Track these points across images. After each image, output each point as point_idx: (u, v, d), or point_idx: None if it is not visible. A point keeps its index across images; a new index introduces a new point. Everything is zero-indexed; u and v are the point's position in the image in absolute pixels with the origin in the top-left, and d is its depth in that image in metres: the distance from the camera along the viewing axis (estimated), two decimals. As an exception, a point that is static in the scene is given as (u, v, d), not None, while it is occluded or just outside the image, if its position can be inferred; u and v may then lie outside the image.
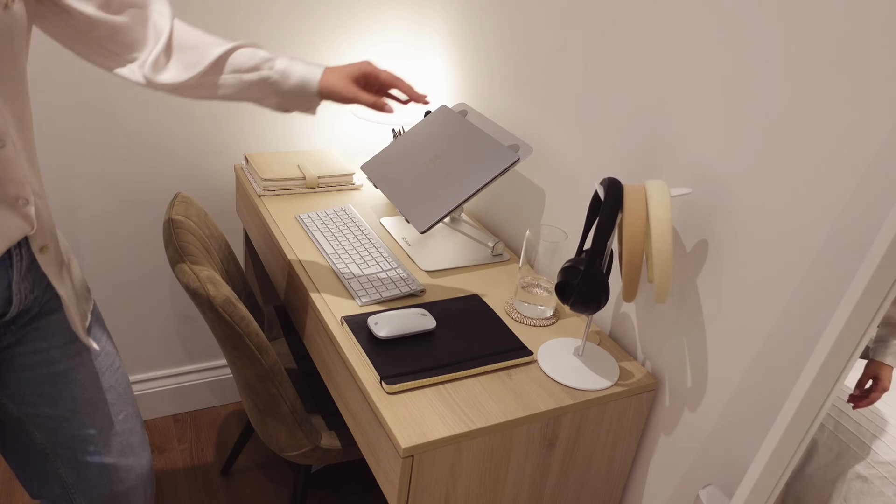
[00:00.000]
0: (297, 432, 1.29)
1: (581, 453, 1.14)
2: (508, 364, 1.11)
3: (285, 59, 1.03)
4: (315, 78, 1.03)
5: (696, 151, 1.04)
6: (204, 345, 1.96)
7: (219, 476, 1.81)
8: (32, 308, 0.94)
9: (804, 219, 0.90)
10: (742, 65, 0.95)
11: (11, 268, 0.87)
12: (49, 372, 0.96)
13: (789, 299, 0.93)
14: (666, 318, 1.14)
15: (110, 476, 1.04)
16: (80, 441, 1.00)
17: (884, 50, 0.78)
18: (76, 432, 1.00)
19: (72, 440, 1.00)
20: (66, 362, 0.97)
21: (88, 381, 0.99)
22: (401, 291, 1.26)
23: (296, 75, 1.02)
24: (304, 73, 1.02)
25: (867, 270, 0.69)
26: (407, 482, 0.97)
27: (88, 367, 0.99)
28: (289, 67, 1.02)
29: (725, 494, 1.04)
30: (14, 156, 0.83)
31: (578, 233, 1.33)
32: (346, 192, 1.66)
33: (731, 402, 1.04)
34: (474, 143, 1.36)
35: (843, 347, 0.73)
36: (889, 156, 0.79)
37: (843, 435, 0.82)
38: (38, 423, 0.99)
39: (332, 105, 1.80)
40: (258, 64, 1.01)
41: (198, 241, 1.32)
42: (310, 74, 1.03)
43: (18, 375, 0.95)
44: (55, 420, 0.99)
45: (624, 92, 1.17)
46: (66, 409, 0.98)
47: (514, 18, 1.44)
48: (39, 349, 0.95)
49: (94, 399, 1.00)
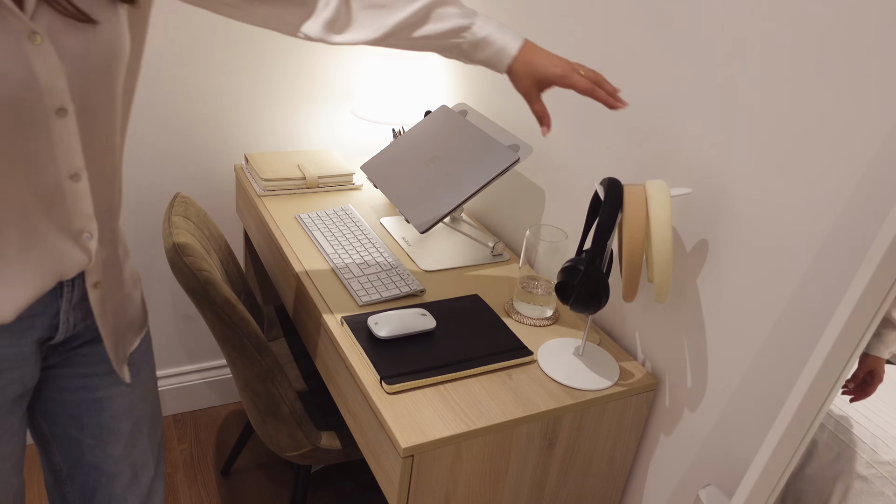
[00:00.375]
0: (297, 432, 1.29)
1: (581, 453, 1.14)
2: (508, 364, 1.11)
3: (481, 28, 0.97)
4: (503, 63, 0.99)
5: (696, 151, 1.04)
6: (204, 345, 1.96)
7: (219, 476, 1.81)
8: (84, 334, 0.92)
9: (804, 219, 0.90)
10: (742, 65, 0.95)
11: (60, 297, 0.85)
12: (86, 398, 0.95)
13: (789, 299, 0.93)
14: (666, 318, 1.14)
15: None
16: (94, 469, 0.99)
17: (884, 50, 0.78)
18: (94, 460, 0.99)
19: (88, 467, 0.99)
20: (104, 391, 0.96)
21: (119, 412, 0.98)
22: (401, 291, 1.26)
23: (486, 52, 0.98)
24: (493, 54, 0.98)
25: (867, 270, 0.69)
26: (407, 482, 0.97)
27: (123, 399, 0.98)
28: (481, 42, 0.97)
29: (725, 494, 1.04)
30: (87, 190, 0.81)
31: (578, 233, 1.33)
32: (346, 192, 1.66)
33: (731, 402, 1.04)
34: (474, 143, 1.36)
35: (843, 347, 0.73)
36: (889, 156, 0.79)
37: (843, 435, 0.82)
38: (62, 444, 0.98)
39: (331, 105, 1.80)
40: (450, 31, 0.96)
41: (198, 242, 1.32)
42: (499, 57, 0.98)
43: (56, 395, 0.95)
44: (78, 445, 0.98)
45: (624, 91, 1.17)
46: (91, 436, 0.97)
47: (514, 18, 1.44)
48: (83, 374, 0.94)
49: (119, 430, 0.98)
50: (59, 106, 0.73)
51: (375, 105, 1.64)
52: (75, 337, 0.92)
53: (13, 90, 0.68)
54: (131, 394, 0.99)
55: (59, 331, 0.87)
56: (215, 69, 1.63)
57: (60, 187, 0.78)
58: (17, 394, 0.87)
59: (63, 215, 0.80)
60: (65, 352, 0.92)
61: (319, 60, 1.73)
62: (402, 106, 1.64)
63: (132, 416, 0.99)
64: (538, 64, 0.98)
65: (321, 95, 1.78)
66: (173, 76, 1.60)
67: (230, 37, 1.61)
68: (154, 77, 1.58)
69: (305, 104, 1.77)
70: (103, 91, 0.77)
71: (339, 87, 1.79)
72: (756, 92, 0.94)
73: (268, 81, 1.70)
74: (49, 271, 0.82)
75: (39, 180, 0.76)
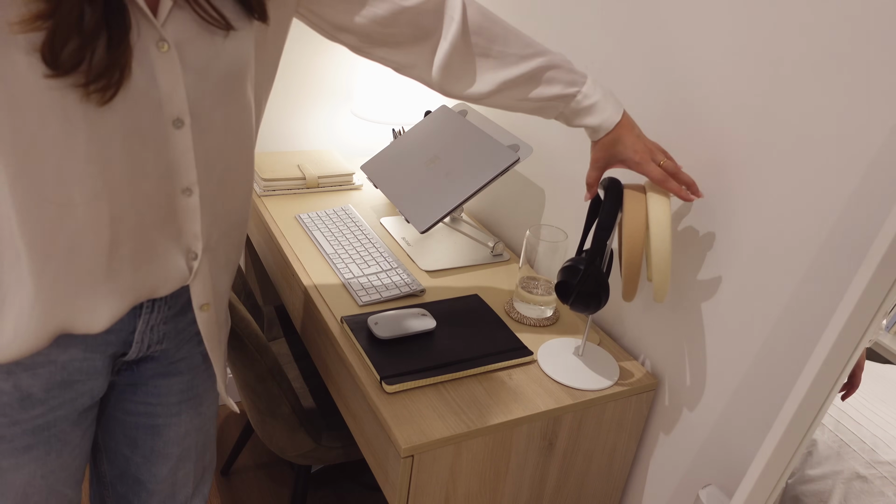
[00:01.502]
0: (297, 432, 1.29)
1: (581, 453, 1.14)
2: (508, 364, 1.11)
3: (586, 97, 0.94)
4: (597, 136, 0.97)
5: (697, 151, 1.04)
6: (204, 345, 1.96)
7: (219, 476, 1.81)
8: (160, 360, 0.91)
9: (804, 218, 0.90)
10: (742, 64, 0.95)
11: (139, 318, 0.84)
12: (146, 423, 0.95)
13: (789, 299, 0.93)
14: (666, 317, 1.14)
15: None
16: (138, 483, 1.00)
17: (884, 49, 0.78)
18: (139, 476, 0.99)
19: (132, 481, 1.00)
20: (164, 419, 0.96)
21: (173, 439, 0.98)
22: (401, 291, 1.26)
23: (585, 121, 0.96)
24: (591, 125, 0.96)
25: (867, 270, 0.69)
26: (407, 482, 0.97)
27: (181, 428, 0.98)
28: (584, 111, 0.95)
29: (725, 494, 1.04)
30: (197, 206, 0.79)
31: (578, 233, 1.33)
32: (346, 192, 1.66)
33: (730, 402, 1.04)
34: (474, 143, 1.36)
35: (843, 347, 0.73)
36: (889, 156, 0.79)
37: (843, 435, 0.82)
38: (112, 457, 0.99)
39: (331, 105, 1.80)
40: (556, 97, 0.95)
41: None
42: (596, 131, 0.97)
43: (119, 415, 0.95)
44: (127, 461, 0.98)
45: (625, 91, 1.17)
46: (141, 456, 0.98)
47: (514, 18, 1.44)
48: (149, 402, 0.94)
49: (170, 454, 0.99)
50: (176, 116, 0.71)
51: (375, 105, 1.64)
52: (150, 361, 0.91)
53: (135, 97, 0.67)
54: (189, 423, 0.99)
55: (132, 349, 0.86)
56: (215, 69, 1.63)
57: (173, 202, 0.76)
58: (86, 406, 0.86)
59: (174, 232, 0.79)
60: (136, 374, 0.92)
61: (319, 60, 1.73)
62: (402, 106, 1.64)
63: (184, 444, 1.00)
64: (622, 144, 0.96)
65: (321, 95, 1.78)
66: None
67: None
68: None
69: (305, 104, 1.77)
70: (222, 105, 0.75)
71: (339, 87, 1.79)
72: (756, 91, 0.94)
73: (268, 81, 1.70)
74: (147, 287, 0.81)
75: (154, 193, 0.74)
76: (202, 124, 0.75)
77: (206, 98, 0.73)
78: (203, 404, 1.00)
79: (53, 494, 0.87)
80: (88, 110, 0.65)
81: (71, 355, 0.81)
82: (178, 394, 0.95)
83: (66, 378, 0.82)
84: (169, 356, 0.92)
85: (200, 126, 0.74)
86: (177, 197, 0.77)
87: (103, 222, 0.72)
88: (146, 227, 0.76)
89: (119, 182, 0.71)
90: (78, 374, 0.82)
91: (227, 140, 0.79)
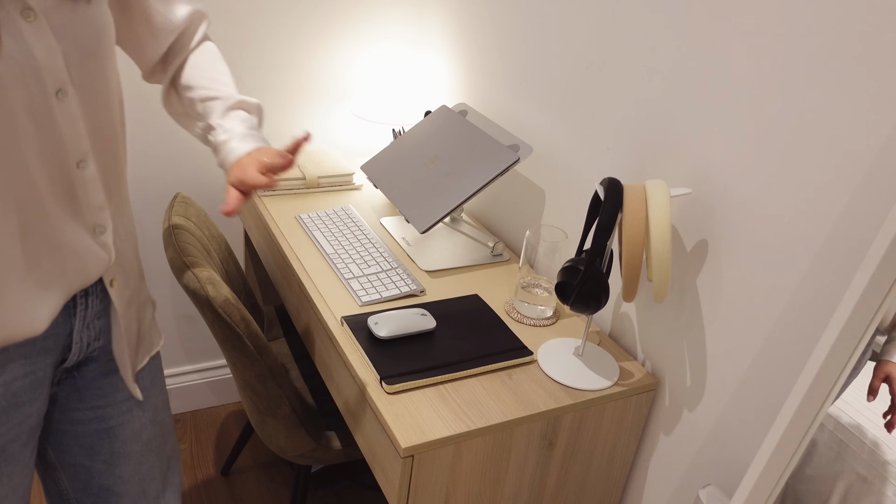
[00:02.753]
0: (297, 432, 1.29)
1: (581, 453, 1.14)
2: (508, 364, 1.11)
3: (227, 141, 0.97)
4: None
5: (696, 151, 1.04)
6: (204, 345, 1.96)
7: (219, 476, 1.81)
8: (100, 360, 0.91)
9: (804, 218, 0.90)
10: (742, 64, 0.95)
11: (74, 316, 0.83)
12: (99, 427, 0.94)
13: (789, 299, 0.93)
14: (666, 317, 1.14)
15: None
16: (104, 490, 0.99)
17: (883, 49, 0.78)
18: (104, 482, 0.98)
19: (98, 489, 0.99)
20: (117, 419, 0.95)
21: (130, 437, 0.97)
22: (400, 291, 1.26)
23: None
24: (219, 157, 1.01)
25: (867, 270, 0.69)
26: (407, 482, 0.97)
27: (135, 424, 0.97)
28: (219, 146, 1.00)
29: (725, 494, 1.04)
30: (95, 178, 0.79)
31: (578, 233, 1.33)
32: (346, 192, 1.66)
33: (730, 402, 1.04)
34: (474, 143, 1.36)
35: (843, 347, 0.73)
36: (889, 156, 0.79)
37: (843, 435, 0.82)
38: (71, 471, 0.97)
39: (331, 105, 1.80)
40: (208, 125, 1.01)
41: (197, 242, 1.32)
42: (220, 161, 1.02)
43: (68, 427, 0.93)
44: (88, 471, 0.97)
45: (625, 92, 1.17)
46: (102, 462, 0.96)
47: (514, 18, 1.44)
48: (96, 406, 0.93)
49: (130, 453, 0.98)
50: (58, 87, 0.71)
51: (375, 105, 1.64)
52: (90, 363, 0.90)
53: (13, 71, 0.67)
54: (142, 417, 0.98)
55: (72, 351, 0.85)
56: (215, 69, 1.63)
57: (70, 176, 0.76)
58: (32, 426, 0.85)
59: (76, 208, 0.78)
60: (80, 382, 0.91)
61: (319, 60, 1.73)
62: (402, 106, 1.64)
63: (142, 439, 0.99)
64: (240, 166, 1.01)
65: (321, 95, 1.78)
66: (173, 76, 1.60)
67: (230, 37, 1.61)
68: (154, 77, 1.58)
69: (305, 104, 1.77)
70: (96, 72, 0.76)
71: (339, 86, 1.79)
72: (756, 92, 0.94)
73: (268, 81, 1.70)
74: (74, 272, 0.80)
75: (50, 170, 0.74)
76: (84, 94, 0.75)
77: (81, 65, 0.73)
78: (152, 394, 1.00)
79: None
80: None
81: (13, 374, 0.79)
82: (123, 390, 0.94)
83: (11, 402, 0.80)
84: (107, 353, 0.91)
85: (83, 95, 0.75)
86: (72, 171, 0.76)
87: (9, 208, 0.72)
88: (49, 207, 0.75)
89: (13, 162, 0.70)
90: (23, 394, 0.81)
91: (110, 108, 0.80)
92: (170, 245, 1.24)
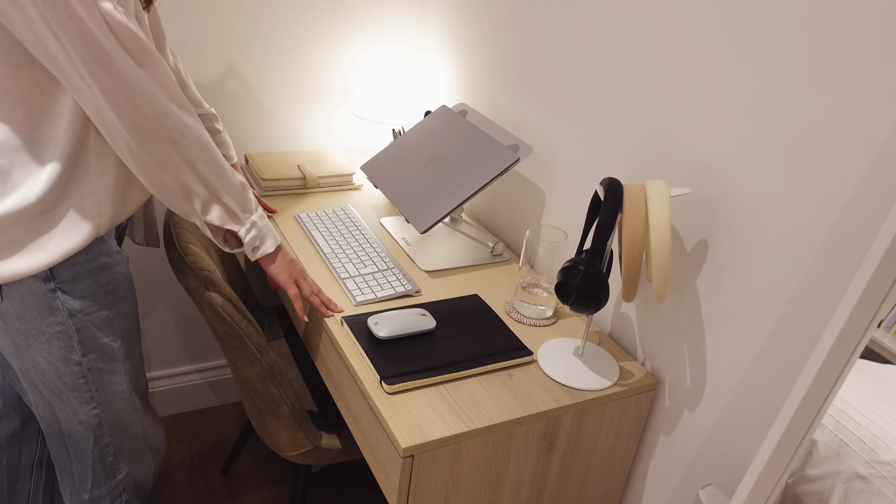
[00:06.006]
0: (297, 432, 1.29)
1: (581, 453, 1.14)
2: (508, 364, 1.11)
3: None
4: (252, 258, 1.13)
5: (697, 151, 1.04)
6: (204, 345, 1.96)
7: (219, 476, 1.81)
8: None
9: (804, 219, 0.90)
10: (742, 64, 0.95)
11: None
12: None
13: (789, 299, 0.93)
14: (666, 317, 1.14)
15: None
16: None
17: (883, 49, 0.78)
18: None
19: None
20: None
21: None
22: (396, 291, 1.26)
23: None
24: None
25: (867, 270, 0.69)
26: (407, 482, 0.97)
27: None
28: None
29: (725, 494, 1.04)
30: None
31: (578, 233, 1.33)
32: (345, 192, 1.66)
33: (730, 402, 1.04)
34: (474, 143, 1.36)
35: (843, 347, 0.73)
36: (889, 156, 0.79)
37: (843, 435, 0.82)
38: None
39: (331, 105, 1.80)
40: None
41: (198, 242, 1.32)
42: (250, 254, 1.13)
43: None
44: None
45: (624, 92, 1.17)
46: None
47: (514, 18, 1.44)
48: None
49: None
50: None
51: (375, 105, 1.64)
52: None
53: None
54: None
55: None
56: (216, 70, 1.63)
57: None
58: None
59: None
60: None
61: (319, 60, 1.73)
62: (402, 106, 1.64)
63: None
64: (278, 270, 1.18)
65: (321, 95, 1.78)
66: (173, 76, 1.60)
67: (231, 37, 1.61)
68: (154, 77, 1.58)
69: (305, 104, 1.77)
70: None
71: (339, 87, 1.79)
72: (756, 92, 0.94)
73: (268, 82, 1.70)
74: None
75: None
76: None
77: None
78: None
79: None
80: None
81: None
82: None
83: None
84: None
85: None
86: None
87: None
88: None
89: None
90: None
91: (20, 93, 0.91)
92: (170, 244, 1.24)
